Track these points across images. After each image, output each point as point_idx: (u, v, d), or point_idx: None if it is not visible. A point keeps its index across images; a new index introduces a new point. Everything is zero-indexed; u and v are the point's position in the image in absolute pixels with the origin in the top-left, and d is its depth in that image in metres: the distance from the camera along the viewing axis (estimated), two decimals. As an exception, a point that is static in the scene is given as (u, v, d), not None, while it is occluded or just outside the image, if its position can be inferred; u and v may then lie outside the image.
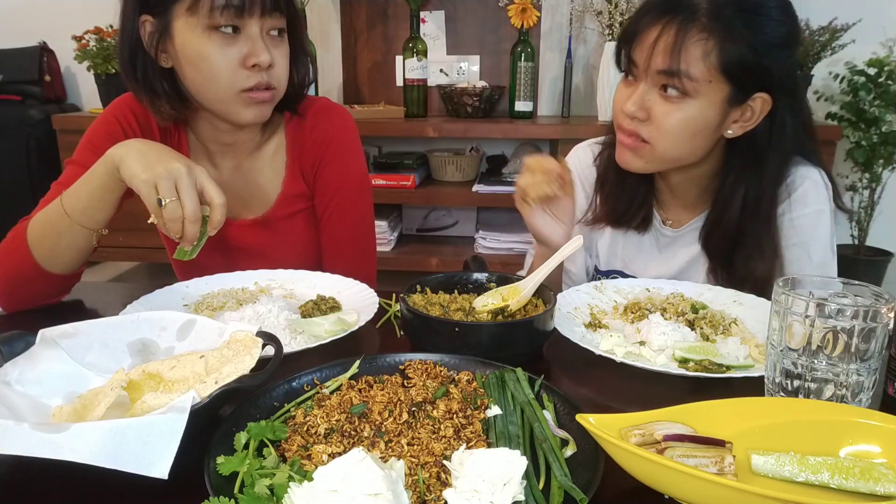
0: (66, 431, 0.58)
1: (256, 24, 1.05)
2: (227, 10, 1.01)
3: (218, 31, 1.03)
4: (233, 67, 1.06)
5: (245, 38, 1.05)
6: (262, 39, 1.06)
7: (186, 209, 0.94)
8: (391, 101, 3.14)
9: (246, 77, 1.07)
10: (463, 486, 0.56)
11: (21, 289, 1.09)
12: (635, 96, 1.03)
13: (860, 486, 0.58)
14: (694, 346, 0.87)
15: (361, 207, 1.32)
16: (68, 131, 2.98)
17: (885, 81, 2.67)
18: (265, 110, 1.12)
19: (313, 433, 0.66)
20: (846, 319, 0.66)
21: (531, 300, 0.98)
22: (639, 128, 1.04)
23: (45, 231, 1.05)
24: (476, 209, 3.17)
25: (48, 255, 1.06)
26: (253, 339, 0.75)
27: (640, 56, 1.02)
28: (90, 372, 0.77)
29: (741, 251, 1.11)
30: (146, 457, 0.58)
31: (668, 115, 1.02)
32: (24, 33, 3.27)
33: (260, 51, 1.05)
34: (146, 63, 1.10)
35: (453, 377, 0.77)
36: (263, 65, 1.06)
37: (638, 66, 1.03)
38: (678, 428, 0.63)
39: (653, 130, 1.04)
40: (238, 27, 1.04)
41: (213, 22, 1.02)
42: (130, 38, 1.09)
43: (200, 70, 1.07)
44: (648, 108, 1.03)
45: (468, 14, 3.11)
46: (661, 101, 1.02)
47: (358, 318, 0.97)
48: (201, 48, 1.04)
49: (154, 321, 0.83)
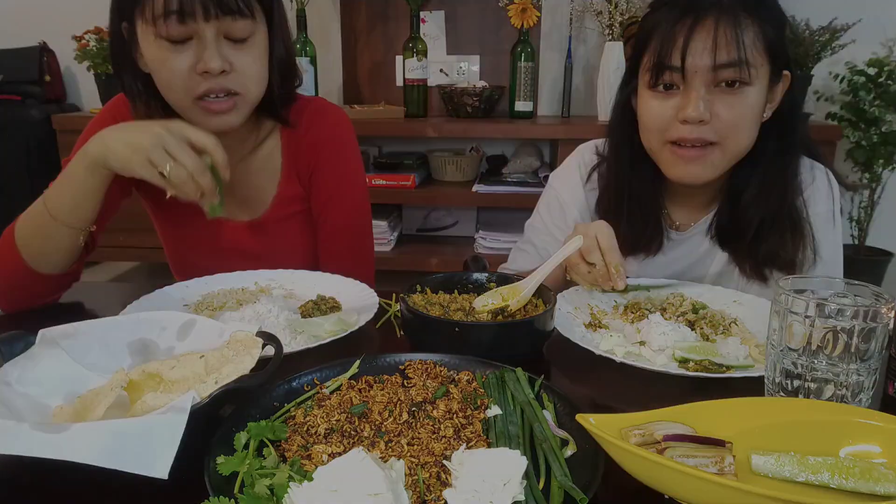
0: (66, 432, 0.58)
1: (210, 29, 1.01)
2: (169, 18, 0.98)
3: (170, 39, 1.01)
4: (184, 74, 1.03)
5: (197, 44, 1.02)
6: (215, 44, 1.02)
7: (188, 165, 0.94)
8: (391, 101, 3.14)
9: (197, 83, 1.04)
10: (463, 486, 0.56)
11: (16, 290, 1.09)
12: (696, 101, 0.99)
13: (860, 486, 0.58)
14: (694, 346, 0.87)
15: (358, 209, 1.32)
16: (68, 131, 2.98)
17: (885, 81, 2.67)
18: (229, 119, 1.08)
19: (313, 433, 0.66)
20: (846, 319, 0.66)
21: (531, 300, 0.98)
22: (704, 133, 1.02)
23: (31, 233, 1.05)
24: (476, 209, 3.17)
25: (37, 257, 1.06)
26: (253, 339, 0.75)
27: (696, 58, 0.99)
28: (90, 372, 0.77)
29: (765, 231, 1.10)
30: (146, 457, 0.58)
31: (733, 108, 1.00)
32: (24, 33, 3.27)
33: (209, 57, 1.01)
34: (128, 66, 1.10)
35: (453, 377, 0.77)
36: (214, 71, 1.02)
37: (688, 70, 1.00)
38: (678, 428, 0.63)
39: (721, 129, 1.02)
40: (188, 33, 1.01)
41: (160, 30, 1.00)
42: (114, 42, 1.09)
43: (160, 77, 1.06)
44: (710, 109, 1.01)
45: (468, 14, 3.11)
46: (724, 97, 1.01)
47: (358, 318, 0.97)
48: (156, 54, 1.03)
49: (154, 321, 0.83)
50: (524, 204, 1.44)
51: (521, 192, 2.78)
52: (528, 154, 2.97)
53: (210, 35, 1.01)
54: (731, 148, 1.04)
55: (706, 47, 0.98)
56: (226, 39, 1.03)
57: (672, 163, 1.07)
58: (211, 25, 1.01)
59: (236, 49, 1.05)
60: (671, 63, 1.00)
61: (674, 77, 1.01)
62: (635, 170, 1.15)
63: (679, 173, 1.07)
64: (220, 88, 1.05)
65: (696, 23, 0.98)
